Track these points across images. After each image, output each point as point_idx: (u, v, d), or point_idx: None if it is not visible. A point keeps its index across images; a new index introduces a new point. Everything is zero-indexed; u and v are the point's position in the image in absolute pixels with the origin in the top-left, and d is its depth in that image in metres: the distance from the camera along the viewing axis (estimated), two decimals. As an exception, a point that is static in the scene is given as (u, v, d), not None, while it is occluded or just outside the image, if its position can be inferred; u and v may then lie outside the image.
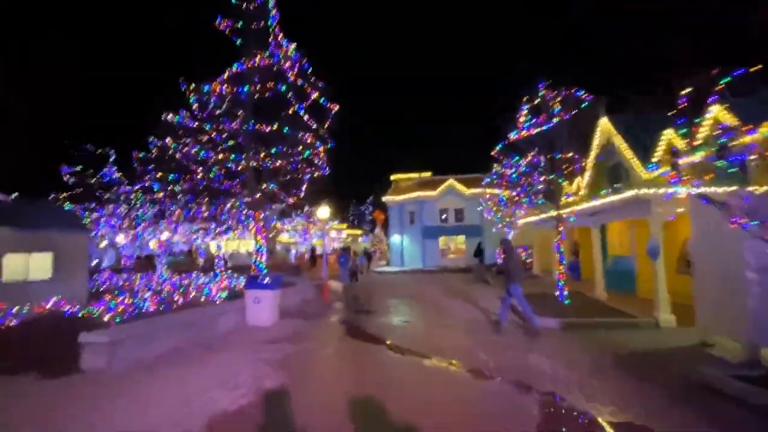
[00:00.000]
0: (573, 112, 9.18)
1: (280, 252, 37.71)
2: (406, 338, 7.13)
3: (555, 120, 9.28)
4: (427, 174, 30.40)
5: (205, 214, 15.92)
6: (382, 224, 37.02)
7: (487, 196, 18.48)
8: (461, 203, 27.19)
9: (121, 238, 25.00)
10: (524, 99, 9.71)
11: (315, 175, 13.79)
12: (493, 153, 10.16)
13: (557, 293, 9.57)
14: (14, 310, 7.67)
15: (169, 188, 14.87)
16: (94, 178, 21.58)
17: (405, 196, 28.53)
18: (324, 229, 15.63)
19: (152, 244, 24.18)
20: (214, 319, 7.54)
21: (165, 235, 24.13)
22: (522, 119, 9.66)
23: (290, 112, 12.42)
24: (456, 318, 8.86)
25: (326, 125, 13.07)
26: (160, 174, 11.18)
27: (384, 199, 30.20)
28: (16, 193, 21.89)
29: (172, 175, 10.92)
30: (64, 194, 20.52)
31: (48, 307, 8.30)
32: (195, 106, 11.91)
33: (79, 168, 21.50)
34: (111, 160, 22.26)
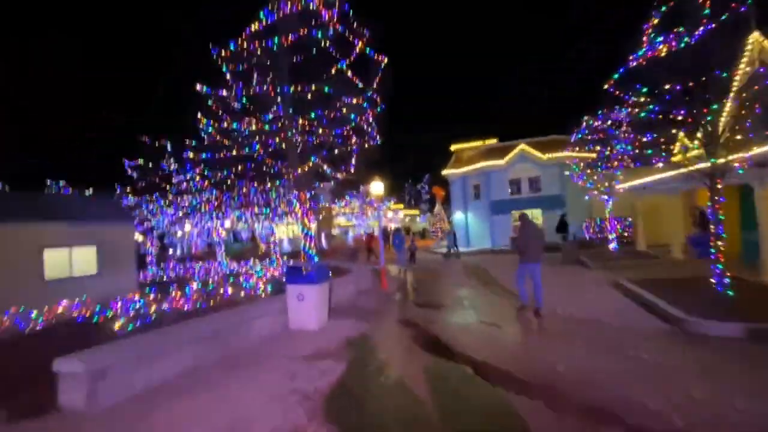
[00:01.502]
0: (734, 14, 6.03)
1: (339, 235, 36.99)
2: (500, 353, 4.93)
3: (702, 28, 6.18)
4: (493, 140, 26.93)
5: (253, 199, 15.00)
6: (443, 201, 34.43)
7: (575, 158, 15.09)
8: (536, 171, 23.54)
9: (188, 227, 25.68)
10: (654, 3, 6.62)
11: (366, 146, 11.89)
12: (607, 86, 7.23)
13: (713, 280, 6.64)
14: (33, 314, 6.77)
15: (217, 175, 14.00)
16: (155, 171, 21.81)
17: (468, 168, 25.52)
18: (380, 207, 13.71)
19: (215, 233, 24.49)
20: (248, 323, 6.00)
21: (227, 223, 24.19)
22: (650, 32, 6.62)
23: (332, 71, 10.52)
24: (561, 320, 6.44)
25: (375, 84, 10.97)
26: (192, 154, 9.91)
27: (444, 172, 27.42)
28: (90, 189, 23.01)
29: (204, 154, 9.61)
30: (129, 188, 20.95)
31: (60, 311, 7.37)
32: (228, 76, 10.52)
33: (140, 161, 21.87)
34: (168, 151, 22.40)
